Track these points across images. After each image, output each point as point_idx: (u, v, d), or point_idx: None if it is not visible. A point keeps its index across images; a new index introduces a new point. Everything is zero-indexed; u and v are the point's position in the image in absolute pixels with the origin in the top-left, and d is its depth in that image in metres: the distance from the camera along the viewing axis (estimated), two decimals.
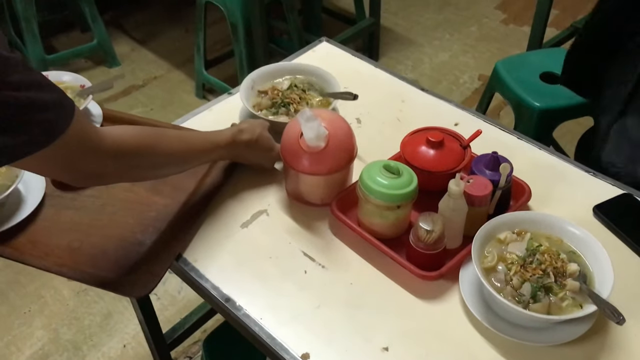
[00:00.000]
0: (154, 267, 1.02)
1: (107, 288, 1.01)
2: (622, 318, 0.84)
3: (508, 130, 1.30)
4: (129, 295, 1.02)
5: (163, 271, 1.02)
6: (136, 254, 1.05)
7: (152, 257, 1.04)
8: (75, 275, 1.03)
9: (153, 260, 1.03)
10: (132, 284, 1.00)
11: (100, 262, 1.04)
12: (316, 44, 1.57)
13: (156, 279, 1.00)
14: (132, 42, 3.24)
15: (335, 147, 1.07)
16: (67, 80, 1.33)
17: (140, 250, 1.05)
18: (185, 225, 1.09)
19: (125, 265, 1.03)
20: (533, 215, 1.03)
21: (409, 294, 1.01)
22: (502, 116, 2.69)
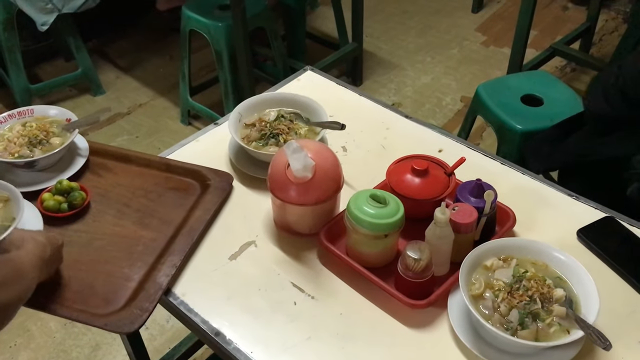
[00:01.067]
0: (142, 303, 1.01)
1: (95, 325, 1.00)
2: (608, 343, 0.86)
3: (491, 156, 1.32)
4: (117, 332, 1.02)
5: (152, 306, 1.01)
6: (124, 289, 1.04)
7: (140, 292, 1.03)
8: (63, 311, 1.02)
9: (141, 296, 1.03)
10: (121, 320, 0.99)
11: (88, 298, 1.04)
12: (300, 73, 1.59)
13: (145, 315, 1.00)
14: (117, 70, 3.24)
15: (322, 178, 1.08)
16: (53, 115, 1.33)
17: (128, 285, 1.05)
18: (173, 259, 1.09)
19: (113, 301, 1.02)
20: (518, 242, 1.05)
21: (398, 323, 1.01)
22: (485, 137, 2.72)
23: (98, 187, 1.23)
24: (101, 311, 1.02)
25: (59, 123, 1.31)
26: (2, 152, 1.23)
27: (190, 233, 1.13)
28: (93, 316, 1.01)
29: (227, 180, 1.24)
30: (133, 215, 1.17)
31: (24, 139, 1.25)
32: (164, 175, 1.26)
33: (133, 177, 1.26)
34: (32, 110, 1.33)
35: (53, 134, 1.28)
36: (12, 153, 1.23)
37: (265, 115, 1.34)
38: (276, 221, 1.18)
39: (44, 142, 1.25)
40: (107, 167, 1.28)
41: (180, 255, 1.09)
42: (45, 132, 1.27)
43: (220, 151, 1.34)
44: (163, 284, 1.05)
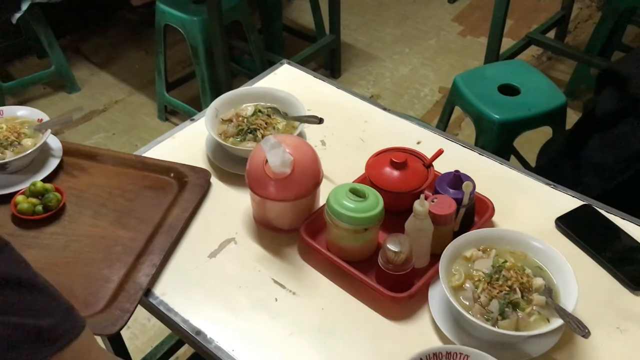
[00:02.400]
0: (123, 304, 1.00)
1: None
2: (587, 331, 0.86)
3: (469, 147, 1.33)
4: (99, 334, 1.00)
5: (133, 307, 1.00)
6: (104, 291, 1.03)
7: (120, 293, 1.02)
8: None
9: (122, 296, 1.01)
10: (101, 322, 0.98)
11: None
12: (277, 67, 1.58)
13: (126, 315, 0.99)
14: (92, 67, 3.20)
15: (300, 173, 1.08)
16: (23, 115, 1.30)
17: (108, 287, 1.03)
18: (152, 258, 1.07)
19: (93, 303, 1.01)
20: (497, 232, 1.05)
21: (380, 316, 1.01)
22: (464, 127, 2.74)
23: (73, 188, 1.21)
24: (81, 314, 1.00)
25: (30, 124, 1.28)
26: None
27: (169, 232, 1.12)
28: None
29: (204, 176, 1.23)
30: (110, 215, 1.16)
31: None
32: (140, 173, 1.24)
33: (109, 177, 1.24)
34: (1, 112, 1.30)
35: (25, 135, 1.25)
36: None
37: (242, 111, 1.32)
38: (256, 217, 1.17)
39: (15, 143, 1.23)
40: (81, 167, 1.26)
41: (160, 254, 1.08)
42: (16, 133, 1.24)
43: (197, 147, 1.32)
44: (143, 284, 1.04)
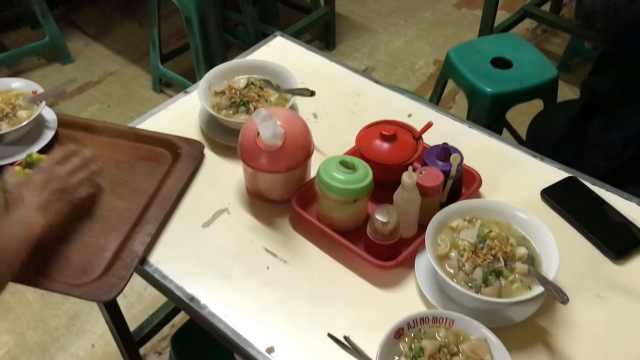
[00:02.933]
0: (119, 271, 1.03)
1: (73, 294, 1.02)
2: (566, 298, 0.90)
3: (459, 120, 1.35)
4: (95, 301, 1.04)
5: (129, 274, 1.03)
6: (100, 259, 1.06)
7: (116, 261, 1.05)
8: (39, 283, 1.03)
9: (118, 264, 1.04)
10: (98, 289, 1.01)
11: (65, 269, 1.05)
12: (270, 39, 1.59)
13: (122, 282, 1.02)
14: (86, 38, 3.19)
15: (292, 145, 1.10)
16: (17, 87, 1.32)
17: (104, 255, 1.06)
18: (148, 227, 1.10)
19: (89, 271, 1.04)
20: (483, 203, 1.08)
21: (368, 284, 1.05)
22: (458, 101, 2.75)
23: None
24: (78, 281, 1.03)
25: (25, 96, 1.30)
26: None
27: (163, 202, 1.14)
28: (70, 286, 1.02)
29: (198, 148, 1.25)
30: (106, 186, 1.18)
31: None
32: (134, 145, 1.26)
33: (103, 148, 1.26)
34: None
35: (19, 107, 1.27)
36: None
37: (235, 83, 1.34)
38: (248, 188, 1.19)
39: (10, 115, 1.24)
40: (76, 139, 1.28)
41: (155, 223, 1.11)
42: (11, 105, 1.26)
43: (190, 119, 1.34)
44: (139, 252, 1.06)
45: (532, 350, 0.96)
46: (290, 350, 0.96)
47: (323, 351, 0.94)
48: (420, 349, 0.88)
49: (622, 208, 1.15)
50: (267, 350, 0.95)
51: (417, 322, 0.91)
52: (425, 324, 0.91)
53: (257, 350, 0.96)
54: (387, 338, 0.88)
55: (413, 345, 0.89)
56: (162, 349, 1.94)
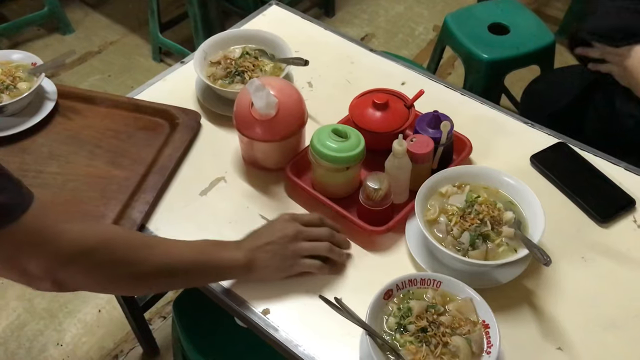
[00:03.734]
0: None
1: None
2: (548, 259, 0.93)
3: (452, 87, 1.37)
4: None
5: None
6: None
7: None
8: None
9: None
10: None
11: None
12: (266, 8, 1.60)
13: None
14: (85, 7, 3.18)
15: (285, 114, 1.12)
16: (17, 59, 1.34)
17: (104, 223, 1.10)
18: (146, 196, 1.14)
19: None
20: (471, 169, 1.11)
21: (360, 249, 1.08)
22: (457, 67, 2.75)
23: (69, 130, 1.26)
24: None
25: (24, 67, 1.32)
26: None
27: (161, 171, 1.18)
28: None
29: (195, 118, 1.27)
30: (105, 156, 1.21)
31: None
32: (132, 115, 1.29)
33: (102, 119, 1.29)
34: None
35: (20, 78, 1.29)
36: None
37: (230, 53, 1.36)
38: (244, 157, 1.22)
39: (11, 87, 1.27)
40: (76, 110, 1.30)
41: (153, 192, 1.14)
42: (11, 77, 1.28)
43: (187, 89, 1.36)
44: (137, 220, 1.10)
45: (518, 310, 1.00)
46: (285, 312, 1.00)
47: (316, 313, 0.98)
48: (409, 309, 0.91)
49: (610, 172, 1.18)
50: (263, 312, 1.00)
51: (405, 284, 0.94)
52: (414, 285, 0.95)
53: (254, 312, 1.00)
54: (376, 299, 0.92)
55: (401, 305, 0.93)
56: (167, 314, 2.00)
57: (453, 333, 0.89)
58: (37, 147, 1.24)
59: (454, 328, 0.90)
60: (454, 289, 0.94)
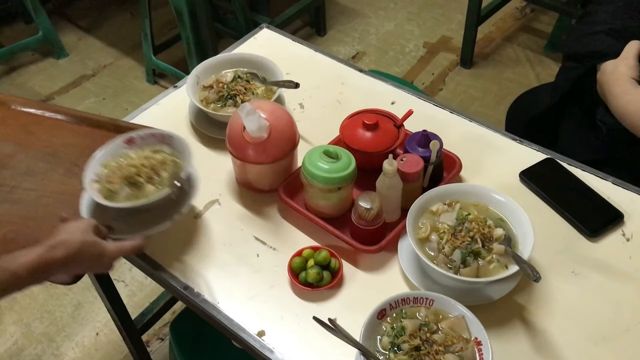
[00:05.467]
0: None
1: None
2: (538, 276, 0.94)
3: (441, 106, 1.39)
4: (61, 284, 1.07)
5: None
6: None
7: None
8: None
9: None
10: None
11: None
12: (257, 31, 1.62)
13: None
14: (79, 31, 3.21)
15: (277, 137, 1.14)
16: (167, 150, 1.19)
17: None
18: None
19: None
20: (461, 187, 1.13)
21: (353, 268, 1.10)
22: (448, 82, 2.78)
23: (49, 147, 1.28)
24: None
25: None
26: (106, 183, 1.09)
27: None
28: None
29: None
30: (81, 175, 1.20)
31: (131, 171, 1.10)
32: (113, 135, 1.29)
33: (83, 137, 1.30)
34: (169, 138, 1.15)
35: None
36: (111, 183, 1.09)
37: (222, 77, 1.38)
38: (237, 179, 1.24)
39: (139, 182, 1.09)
40: (58, 127, 1.32)
41: None
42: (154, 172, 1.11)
43: (181, 113, 1.38)
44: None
45: (510, 325, 1.01)
46: (280, 333, 1.01)
47: (311, 333, 1.00)
48: (402, 328, 0.93)
49: (598, 187, 1.20)
50: (259, 334, 1.01)
51: (398, 303, 0.96)
52: (407, 304, 0.96)
53: (249, 334, 1.01)
54: (370, 319, 0.93)
55: (395, 324, 0.94)
56: (164, 335, 2.00)
57: (446, 351, 0.90)
58: (15, 163, 1.25)
59: (447, 346, 0.91)
60: (446, 307, 0.95)
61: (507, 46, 2.94)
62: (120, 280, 2.14)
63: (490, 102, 2.68)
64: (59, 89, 2.88)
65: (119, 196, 1.07)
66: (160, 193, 1.04)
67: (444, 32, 3.07)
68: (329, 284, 1.05)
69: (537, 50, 2.90)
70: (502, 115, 1.87)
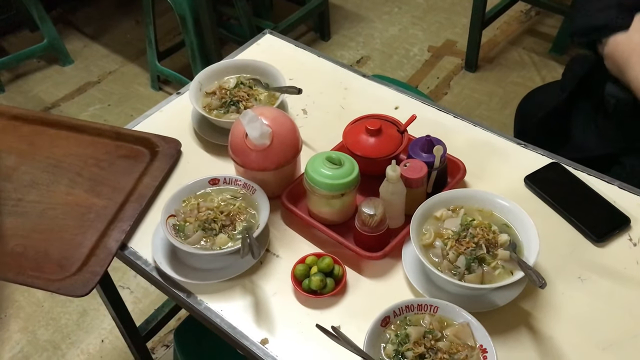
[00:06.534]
0: (93, 267, 1.08)
1: (49, 290, 1.07)
2: (543, 282, 0.93)
3: (445, 110, 1.38)
4: (71, 295, 1.08)
5: (102, 270, 1.08)
6: (77, 255, 1.11)
7: (91, 258, 1.10)
8: (20, 279, 1.09)
9: (92, 261, 1.10)
10: (73, 284, 1.06)
11: (43, 265, 1.10)
12: (260, 37, 1.62)
13: (96, 278, 1.07)
14: (84, 38, 3.22)
15: (280, 143, 1.14)
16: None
17: (80, 251, 1.11)
18: (122, 225, 1.15)
19: (67, 267, 1.09)
20: (465, 192, 1.12)
21: (357, 275, 1.09)
22: (453, 86, 2.77)
23: (52, 158, 1.29)
24: (55, 277, 1.09)
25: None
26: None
27: (139, 200, 1.19)
28: (48, 281, 1.08)
29: (175, 146, 1.29)
30: (85, 184, 1.23)
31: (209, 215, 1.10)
32: (114, 143, 1.31)
33: (85, 147, 1.31)
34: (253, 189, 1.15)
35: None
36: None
37: (225, 83, 1.38)
38: None
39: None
40: (60, 138, 1.33)
41: (130, 221, 1.16)
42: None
43: (184, 120, 1.38)
44: (113, 249, 1.11)
45: (516, 332, 1.00)
46: (283, 341, 1.00)
47: (314, 341, 0.99)
48: (406, 336, 0.92)
49: (604, 191, 1.18)
50: (262, 342, 1.00)
51: (402, 310, 0.95)
52: (411, 311, 0.95)
53: (252, 342, 1.00)
54: (373, 326, 0.92)
55: (399, 332, 0.93)
56: (169, 342, 2.00)
57: (451, 359, 0.89)
58: (19, 175, 1.26)
59: (452, 354, 0.90)
60: (451, 314, 0.94)
61: (512, 49, 2.93)
62: (126, 287, 2.14)
63: (495, 105, 2.67)
64: (64, 95, 2.89)
65: (190, 234, 1.08)
66: (230, 249, 1.06)
67: (449, 36, 3.06)
68: (332, 291, 1.05)
69: (542, 54, 2.89)
70: (507, 119, 1.87)
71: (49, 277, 1.08)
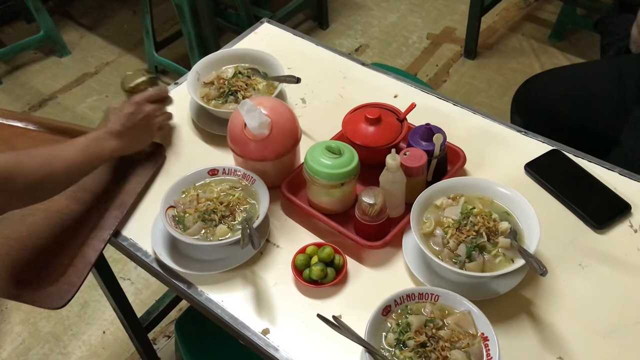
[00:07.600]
0: (71, 278, 1.05)
1: (24, 301, 1.04)
2: (544, 270, 0.93)
3: (444, 98, 1.37)
4: (46, 308, 1.05)
5: (80, 281, 1.05)
6: (54, 265, 1.08)
7: (69, 268, 1.07)
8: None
9: (70, 271, 1.07)
10: (49, 296, 1.03)
11: (19, 274, 1.07)
12: (257, 26, 1.61)
13: (73, 289, 1.04)
14: (81, 29, 3.20)
15: (278, 133, 1.13)
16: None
17: (58, 261, 1.08)
18: (102, 234, 1.12)
19: (44, 277, 1.06)
20: (465, 180, 1.11)
21: (358, 264, 1.09)
22: (452, 74, 2.76)
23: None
24: (31, 287, 1.05)
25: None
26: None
27: (120, 207, 1.16)
28: (23, 293, 1.05)
29: (159, 151, 1.26)
30: (67, 190, 1.15)
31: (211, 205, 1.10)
32: None
33: None
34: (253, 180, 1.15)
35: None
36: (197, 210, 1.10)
37: (223, 73, 1.37)
38: None
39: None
40: (42, 140, 1.28)
41: (110, 229, 1.12)
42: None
43: (182, 110, 1.37)
44: (91, 259, 1.08)
45: (517, 320, 1.00)
46: (284, 331, 1.00)
47: (315, 331, 0.99)
48: (407, 325, 0.92)
49: (604, 178, 1.18)
50: (263, 332, 1.00)
51: (403, 299, 0.95)
52: (412, 300, 0.95)
53: (253, 332, 1.00)
54: (374, 315, 0.92)
55: (400, 321, 0.93)
56: (171, 332, 2.00)
57: (452, 347, 0.89)
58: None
59: (453, 342, 0.90)
60: (452, 302, 0.94)
61: (512, 36, 2.92)
62: (126, 279, 2.14)
63: (495, 93, 2.66)
64: (62, 87, 2.88)
65: (190, 225, 1.08)
66: (230, 239, 1.05)
67: (448, 23, 3.04)
68: (333, 280, 1.04)
69: (542, 40, 2.87)
70: (507, 106, 1.86)
71: (23, 288, 1.04)
